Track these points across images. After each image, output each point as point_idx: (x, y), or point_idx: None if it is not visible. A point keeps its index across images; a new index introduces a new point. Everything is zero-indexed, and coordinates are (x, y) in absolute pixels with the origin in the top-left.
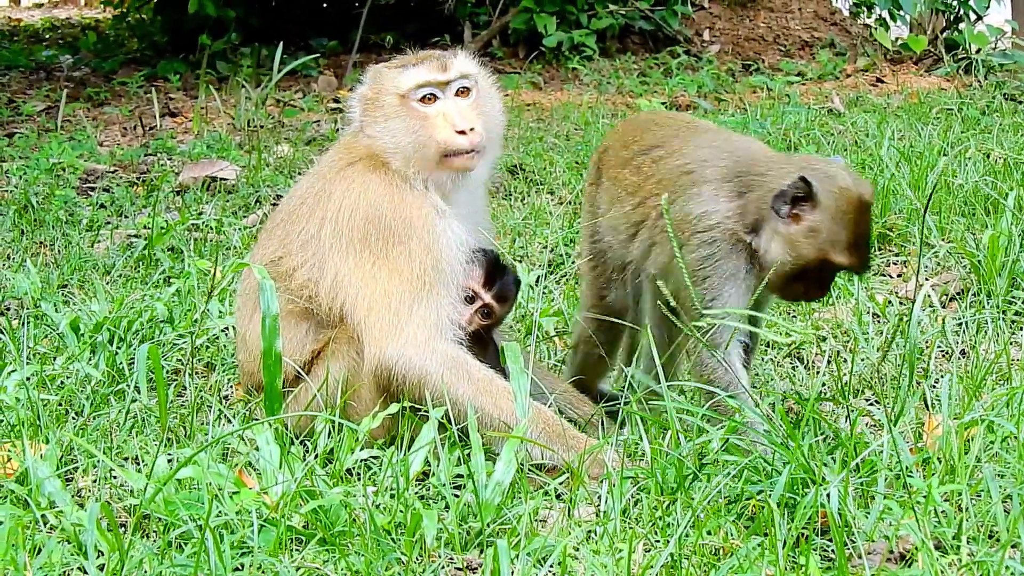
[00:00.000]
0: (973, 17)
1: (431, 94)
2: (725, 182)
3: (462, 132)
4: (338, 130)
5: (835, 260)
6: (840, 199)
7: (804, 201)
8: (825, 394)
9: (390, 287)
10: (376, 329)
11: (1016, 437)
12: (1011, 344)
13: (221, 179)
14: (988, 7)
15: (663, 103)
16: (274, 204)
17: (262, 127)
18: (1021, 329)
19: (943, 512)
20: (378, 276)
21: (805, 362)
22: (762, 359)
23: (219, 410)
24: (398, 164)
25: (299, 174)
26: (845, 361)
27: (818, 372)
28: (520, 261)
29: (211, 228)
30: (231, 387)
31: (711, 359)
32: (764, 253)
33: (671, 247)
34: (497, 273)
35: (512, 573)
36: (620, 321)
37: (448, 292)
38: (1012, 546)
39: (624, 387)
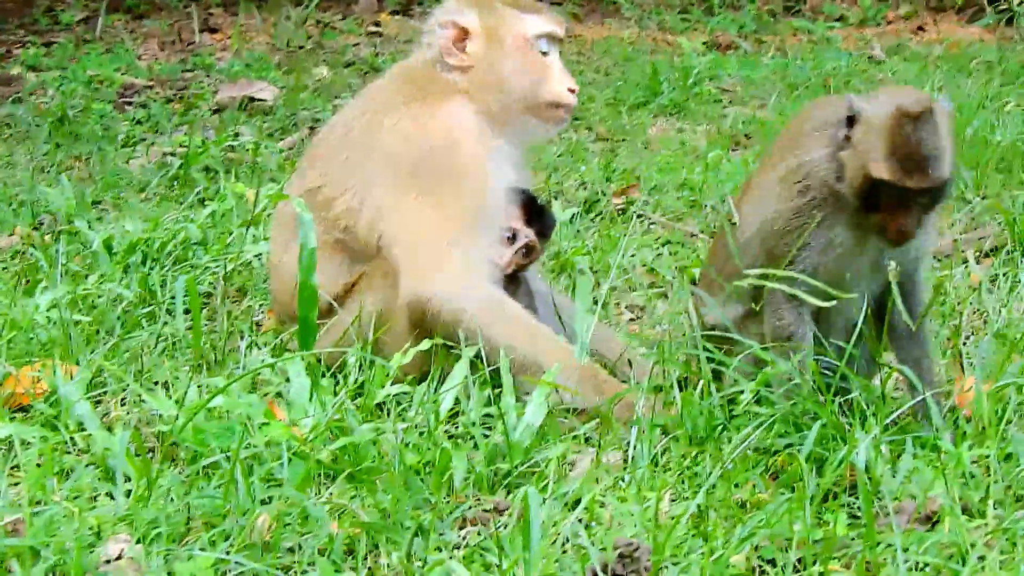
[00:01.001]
0: None
1: (547, 48)
2: (827, 129)
3: (572, 91)
4: (377, 54)
5: (874, 174)
6: (879, 111)
7: (854, 123)
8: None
9: (433, 223)
10: (415, 264)
11: None
12: None
13: (259, 100)
14: None
15: (704, 43)
16: (312, 128)
17: (301, 48)
18: None
19: (971, 475)
20: (422, 211)
21: None
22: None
23: (251, 338)
24: (494, 102)
25: (338, 98)
26: None
27: None
28: (555, 198)
29: (247, 150)
30: (262, 312)
31: (783, 310)
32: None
33: (767, 199)
34: (535, 210)
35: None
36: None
37: (490, 232)
38: None
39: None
